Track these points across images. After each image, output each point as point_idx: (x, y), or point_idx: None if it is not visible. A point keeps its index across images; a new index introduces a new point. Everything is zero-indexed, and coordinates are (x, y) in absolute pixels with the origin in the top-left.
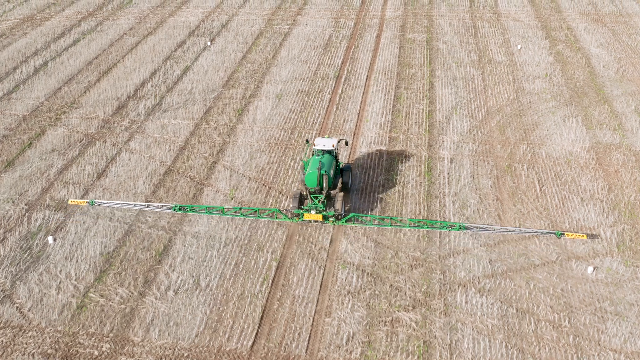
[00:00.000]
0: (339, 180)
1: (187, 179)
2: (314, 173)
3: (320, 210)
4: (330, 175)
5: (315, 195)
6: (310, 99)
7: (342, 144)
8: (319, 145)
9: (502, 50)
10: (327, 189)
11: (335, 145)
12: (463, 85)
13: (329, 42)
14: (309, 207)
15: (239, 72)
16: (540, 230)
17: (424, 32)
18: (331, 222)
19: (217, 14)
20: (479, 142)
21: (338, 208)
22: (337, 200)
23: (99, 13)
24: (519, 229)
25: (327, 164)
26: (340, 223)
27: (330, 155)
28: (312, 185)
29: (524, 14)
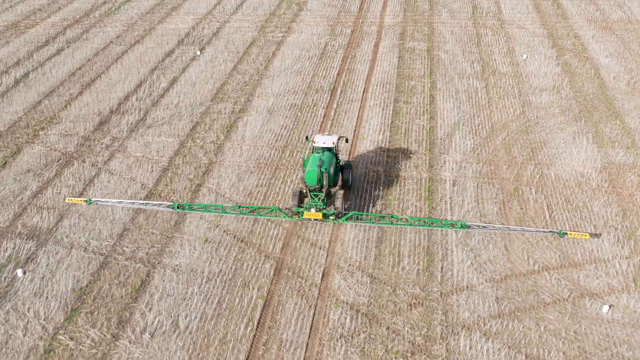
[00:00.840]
0: (339, 178)
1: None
2: (314, 171)
3: (321, 209)
4: (331, 172)
5: (315, 193)
6: (303, 114)
7: (342, 142)
8: (319, 143)
9: (506, 61)
10: (327, 186)
11: (335, 142)
12: (466, 99)
13: (325, 51)
14: (308, 206)
15: (229, 84)
16: (543, 229)
17: (424, 41)
18: (331, 220)
19: (209, 20)
20: (484, 163)
21: (338, 206)
22: (338, 198)
23: (86, 20)
24: (521, 228)
25: (327, 162)
26: (340, 221)
27: (330, 153)
28: (312, 183)
29: (529, 21)
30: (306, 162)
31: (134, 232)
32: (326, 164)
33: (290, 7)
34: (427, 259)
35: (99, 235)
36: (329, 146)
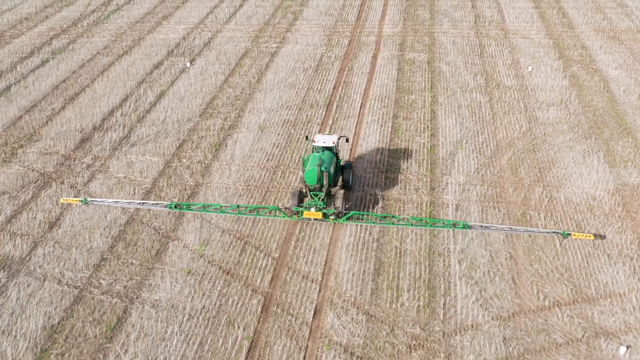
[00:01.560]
0: (340, 178)
1: (151, 230)
2: (314, 170)
3: (321, 208)
4: (331, 172)
5: (315, 193)
6: (297, 131)
7: (342, 141)
8: (319, 142)
9: (511, 73)
10: (327, 186)
11: (335, 142)
12: (469, 114)
13: (320, 63)
14: (308, 205)
15: (219, 99)
16: (547, 230)
17: (424, 52)
18: (331, 220)
19: (200, 30)
20: (489, 184)
21: (338, 206)
22: (338, 198)
23: (73, 29)
24: (525, 228)
25: (327, 161)
26: (340, 221)
27: (330, 152)
28: (312, 182)
29: (533, 31)
30: (306, 161)
31: (112, 262)
32: (326, 163)
33: (286, 15)
34: (428, 293)
35: (74, 266)
36: (329, 145)
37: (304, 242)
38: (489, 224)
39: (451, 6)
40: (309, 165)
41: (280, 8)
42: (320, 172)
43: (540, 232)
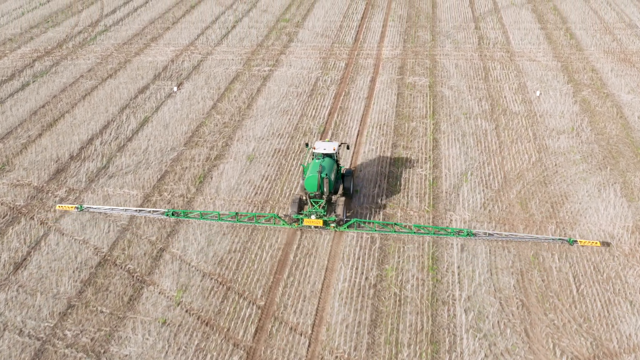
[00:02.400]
0: (340, 186)
1: (125, 273)
2: (314, 176)
3: (321, 215)
4: (331, 179)
5: (315, 200)
6: (288, 162)
7: (343, 148)
8: (319, 149)
9: (518, 98)
10: (327, 193)
11: (336, 148)
12: (474, 143)
13: (315, 87)
14: (308, 212)
15: (206, 126)
16: (552, 237)
17: (426, 75)
18: (332, 227)
19: (190, 52)
20: (497, 222)
21: (339, 213)
22: (339, 205)
23: (58, 51)
24: (530, 236)
25: (327, 168)
26: (341, 229)
27: (331, 159)
28: (312, 189)
29: (540, 53)
30: (306, 169)
31: (80, 310)
32: (327, 170)
33: (280, 37)
34: (431, 348)
35: (38, 314)
36: (329, 152)
37: (293, 288)
38: (493, 231)
39: (453, 27)
40: (309, 172)
41: (275, 29)
42: (320, 178)
43: (546, 239)
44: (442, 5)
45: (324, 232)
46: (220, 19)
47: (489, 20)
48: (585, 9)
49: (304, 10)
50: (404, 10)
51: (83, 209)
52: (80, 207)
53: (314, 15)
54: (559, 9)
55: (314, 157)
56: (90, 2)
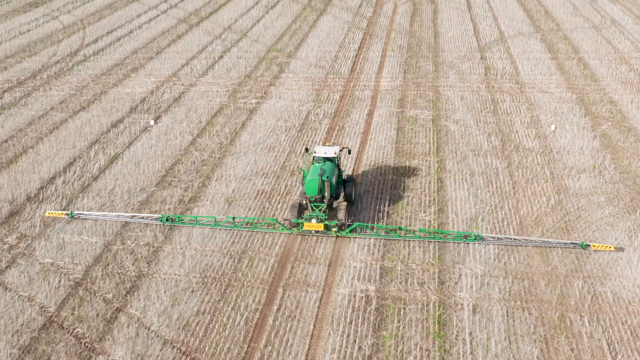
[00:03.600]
0: (342, 192)
1: (72, 339)
2: (315, 180)
3: (322, 219)
4: (332, 182)
5: (316, 204)
6: (272, 205)
7: (345, 153)
8: (319, 153)
9: (531, 133)
10: (329, 197)
11: (337, 152)
12: (484, 184)
13: (306, 121)
14: (309, 217)
15: (183, 164)
16: (564, 241)
17: (428, 108)
18: (334, 232)
19: (172, 83)
20: (514, 276)
21: (341, 218)
22: (340, 210)
23: (31, 82)
24: (541, 240)
25: (328, 171)
26: (343, 234)
27: (332, 163)
28: (313, 193)
29: (552, 84)
30: (306, 173)
31: None
32: (327, 173)
33: (270, 68)
34: None
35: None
36: (330, 156)
37: None
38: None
39: (457, 57)
40: (309, 176)
41: (265, 60)
42: (321, 181)
43: (559, 243)
44: (444, 35)
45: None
46: (208, 48)
47: (495, 50)
48: (597, 38)
49: (297, 40)
50: (404, 40)
51: (74, 215)
52: (71, 214)
53: (307, 45)
54: (569, 38)
55: (314, 161)
56: (72, 32)
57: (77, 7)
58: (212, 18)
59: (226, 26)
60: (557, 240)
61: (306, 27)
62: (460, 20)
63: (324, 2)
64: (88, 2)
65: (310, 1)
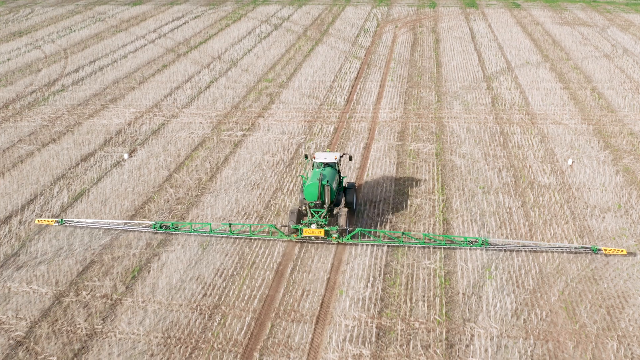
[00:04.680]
0: (342, 199)
1: None
2: (315, 184)
3: (322, 225)
4: (333, 187)
5: (315, 210)
6: (253, 251)
7: (345, 159)
8: (319, 159)
9: (546, 168)
10: (329, 203)
11: (337, 158)
12: (496, 226)
13: (296, 155)
14: (308, 222)
15: (155, 202)
16: (575, 245)
17: (431, 141)
18: (334, 238)
19: (152, 114)
20: (536, 337)
21: (342, 223)
22: (341, 216)
23: (2, 112)
24: (550, 245)
25: (329, 176)
26: (344, 240)
27: (332, 169)
28: (313, 198)
29: (566, 115)
30: (305, 180)
31: None
32: (328, 177)
33: (260, 98)
34: None
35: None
36: (330, 161)
37: None
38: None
39: (462, 87)
40: (308, 181)
41: (255, 90)
42: (321, 186)
43: (569, 247)
44: (447, 65)
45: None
46: (194, 78)
47: (502, 79)
48: (610, 67)
49: (290, 70)
50: (404, 69)
51: (64, 222)
52: (61, 221)
53: (300, 75)
54: (580, 68)
55: (314, 167)
56: (54, 61)
57: (62, 37)
58: (201, 48)
59: (215, 56)
60: (566, 245)
61: (300, 57)
62: (464, 49)
63: (320, 32)
64: (73, 32)
65: (306, 31)
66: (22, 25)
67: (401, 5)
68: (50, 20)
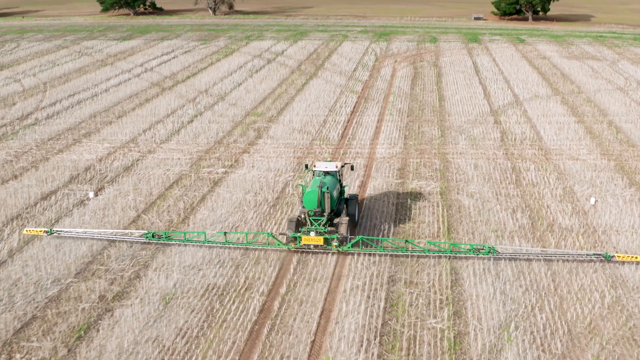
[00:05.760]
0: (344, 209)
1: None
2: (314, 191)
3: (322, 232)
4: (334, 195)
5: (315, 218)
6: (224, 307)
7: (347, 169)
8: (319, 167)
9: (566, 208)
10: (329, 211)
11: (338, 167)
12: (514, 276)
13: (282, 195)
14: (307, 230)
15: (116, 247)
16: (586, 252)
17: (435, 179)
18: (334, 247)
19: (127, 150)
20: None
21: (343, 232)
22: (342, 224)
23: None
24: (561, 252)
25: (329, 184)
26: (345, 249)
27: (333, 177)
28: (312, 206)
29: (583, 150)
30: (305, 188)
31: None
32: (328, 185)
33: (246, 133)
34: None
35: None
36: (331, 170)
37: None
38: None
39: (467, 121)
40: (308, 188)
41: (241, 124)
42: (321, 193)
43: (580, 254)
44: (451, 98)
45: None
46: (177, 112)
47: (510, 113)
48: (625, 100)
49: (281, 104)
50: (404, 103)
51: (53, 232)
52: (50, 231)
53: (292, 109)
54: (593, 101)
55: (314, 176)
56: (31, 94)
57: (44, 71)
58: (188, 81)
59: (203, 89)
60: (577, 252)
61: (293, 91)
62: (468, 83)
63: (315, 66)
64: (56, 66)
65: (300, 65)
66: (5, 59)
67: (401, 40)
68: (35, 54)
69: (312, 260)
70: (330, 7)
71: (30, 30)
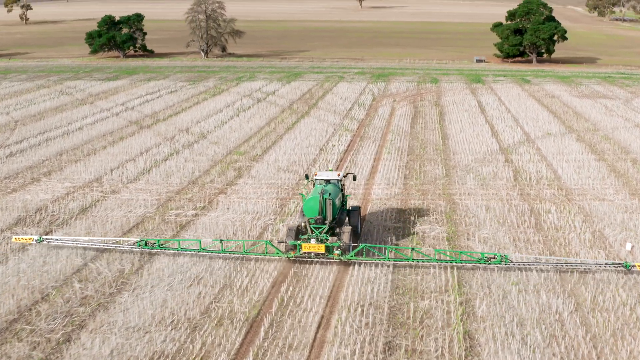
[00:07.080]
0: (346, 219)
1: None
2: (315, 198)
3: (323, 240)
4: (336, 203)
5: (316, 226)
6: None
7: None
8: (321, 176)
9: (599, 255)
10: (331, 219)
11: (340, 176)
12: (542, 338)
13: (260, 239)
14: (308, 237)
15: (51, 302)
16: (605, 262)
17: (440, 223)
18: (336, 255)
19: (89, 189)
20: None
21: (345, 240)
22: (344, 233)
23: None
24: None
25: (330, 191)
26: (347, 257)
27: (334, 186)
28: (313, 213)
29: (609, 190)
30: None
31: None
32: (329, 191)
33: (225, 172)
34: None
35: None
36: (332, 178)
37: None
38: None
39: (475, 160)
40: (309, 196)
41: (221, 163)
42: (322, 200)
43: (598, 264)
44: (455, 137)
45: None
46: (152, 151)
47: (522, 151)
48: None
49: (267, 143)
50: (403, 142)
51: (42, 240)
52: (39, 239)
53: (279, 147)
54: (612, 138)
55: (315, 185)
56: None
57: (19, 109)
58: (170, 120)
59: (183, 128)
60: (596, 261)
61: (282, 130)
62: (473, 121)
63: (308, 106)
64: (33, 105)
65: (292, 104)
66: None
67: (400, 81)
68: (14, 93)
69: (288, 321)
70: (326, 51)
71: (14, 71)
